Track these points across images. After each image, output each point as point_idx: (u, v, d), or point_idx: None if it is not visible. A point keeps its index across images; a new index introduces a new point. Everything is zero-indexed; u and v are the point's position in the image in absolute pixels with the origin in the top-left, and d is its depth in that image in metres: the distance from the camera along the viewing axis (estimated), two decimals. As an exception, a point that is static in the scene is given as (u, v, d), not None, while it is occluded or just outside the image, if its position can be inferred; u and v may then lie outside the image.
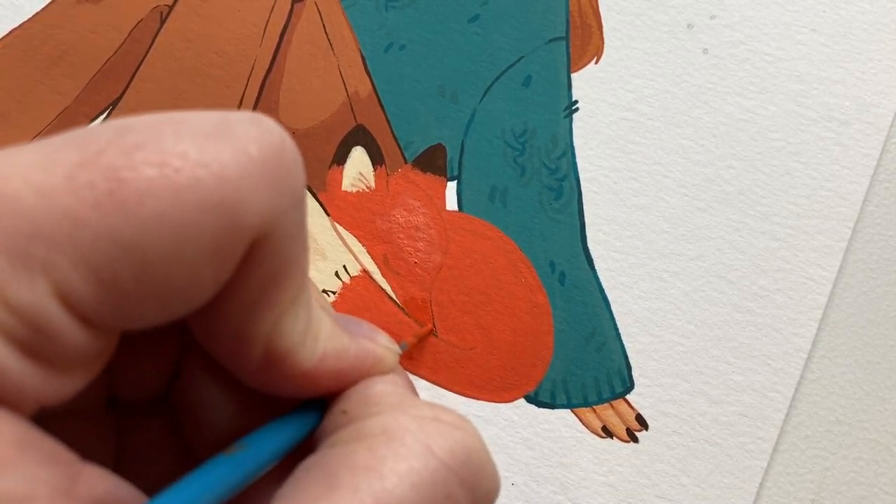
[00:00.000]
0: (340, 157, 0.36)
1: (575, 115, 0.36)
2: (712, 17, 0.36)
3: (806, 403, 0.34)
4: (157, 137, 0.11)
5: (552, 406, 0.34)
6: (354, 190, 0.35)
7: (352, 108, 0.36)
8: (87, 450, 0.13)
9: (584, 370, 0.34)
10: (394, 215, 0.35)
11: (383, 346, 0.16)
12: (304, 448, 0.16)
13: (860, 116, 0.35)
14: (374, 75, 0.36)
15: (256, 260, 0.12)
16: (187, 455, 0.17)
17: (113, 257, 0.11)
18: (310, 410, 0.16)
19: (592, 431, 0.33)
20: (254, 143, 0.12)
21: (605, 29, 0.37)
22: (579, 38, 0.37)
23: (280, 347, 0.14)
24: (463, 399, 0.34)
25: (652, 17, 0.37)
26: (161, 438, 0.17)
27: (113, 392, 0.16)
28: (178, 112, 0.12)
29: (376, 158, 0.36)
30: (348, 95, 0.36)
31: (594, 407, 0.34)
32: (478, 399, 0.34)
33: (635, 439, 0.33)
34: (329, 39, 0.37)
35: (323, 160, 0.36)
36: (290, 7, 0.37)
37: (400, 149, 0.36)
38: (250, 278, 0.13)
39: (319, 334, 0.15)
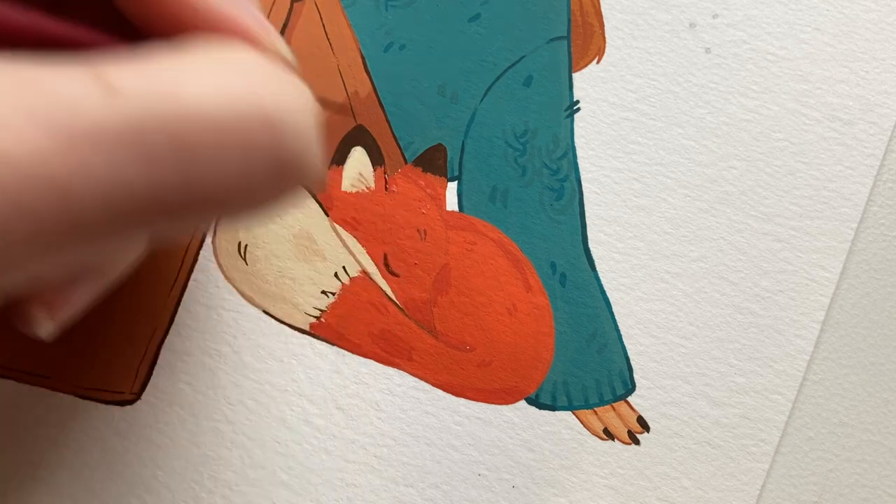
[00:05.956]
0: (340, 158, 0.35)
1: (576, 116, 0.36)
2: (715, 17, 0.36)
3: (809, 405, 0.34)
4: None
5: (553, 408, 0.33)
6: (354, 190, 0.35)
7: (351, 109, 0.36)
8: None
9: (585, 372, 0.34)
10: (393, 216, 0.35)
11: (256, 19, 0.17)
12: None
13: (864, 116, 0.35)
14: (374, 75, 0.36)
15: None
16: None
17: None
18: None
19: (593, 433, 0.33)
20: None
21: (606, 28, 0.36)
22: (581, 38, 0.36)
23: None
24: (463, 401, 0.33)
25: (654, 17, 0.36)
26: None
27: None
28: None
29: (376, 159, 0.35)
30: (348, 95, 0.36)
31: (595, 409, 0.34)
32: (478, 401, 0.34)
33: (637, 441, 0.33)
34: (329, 39, 0.37)
35: (323, 160, 0.35)
36: (289, 6, 0.37)
37: (400, 149, 0.35)
38: None
39: None
